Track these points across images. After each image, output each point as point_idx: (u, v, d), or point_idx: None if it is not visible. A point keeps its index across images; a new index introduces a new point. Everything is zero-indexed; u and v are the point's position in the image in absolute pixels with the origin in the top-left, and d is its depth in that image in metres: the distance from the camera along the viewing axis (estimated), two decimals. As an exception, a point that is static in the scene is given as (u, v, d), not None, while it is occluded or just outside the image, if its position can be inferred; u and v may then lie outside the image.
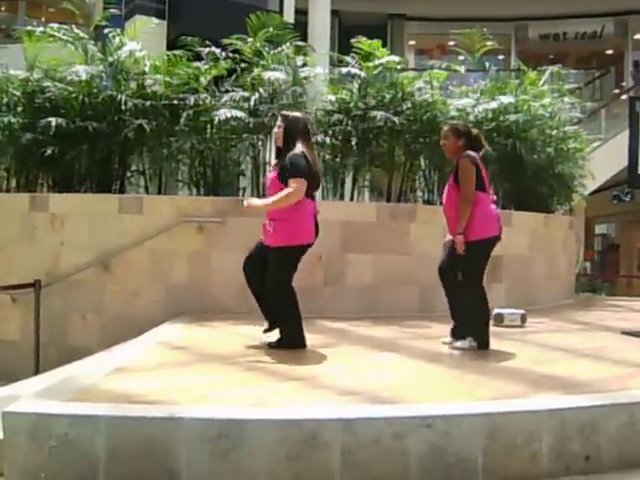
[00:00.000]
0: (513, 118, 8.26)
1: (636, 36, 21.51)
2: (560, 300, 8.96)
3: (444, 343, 5.15)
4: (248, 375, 3.99)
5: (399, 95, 7.90)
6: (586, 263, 16.47)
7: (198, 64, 7.60)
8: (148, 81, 7.61)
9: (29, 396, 3.30)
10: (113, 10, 8.47)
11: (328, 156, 7.91)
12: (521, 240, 8.03)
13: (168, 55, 7.73)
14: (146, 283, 6.78)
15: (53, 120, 7.05)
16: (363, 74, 7.86)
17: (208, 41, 7.82)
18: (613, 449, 3.31)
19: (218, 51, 7.70)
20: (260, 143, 7.60)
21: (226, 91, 7.54)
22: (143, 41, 7.91)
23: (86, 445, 2.87)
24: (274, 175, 4.78)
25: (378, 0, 19.73)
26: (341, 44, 14.32)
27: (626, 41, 21.45)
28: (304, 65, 8.01)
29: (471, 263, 4.94)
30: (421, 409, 3.20)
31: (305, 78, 7.94)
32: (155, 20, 9.94)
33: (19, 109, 7.63)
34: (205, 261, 6.78)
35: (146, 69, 7.68)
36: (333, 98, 7.97)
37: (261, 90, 7.48)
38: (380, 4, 20.08)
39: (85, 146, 7.29)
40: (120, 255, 6.74)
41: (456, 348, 4.98)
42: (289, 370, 4.17)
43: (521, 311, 6.51)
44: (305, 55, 8.19)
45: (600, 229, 21.53)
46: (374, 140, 7.89)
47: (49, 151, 7.06)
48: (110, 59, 7.61)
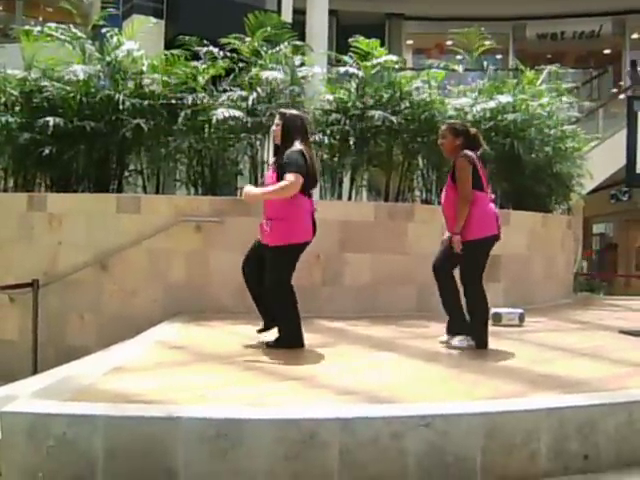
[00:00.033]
0: (511, 117, 8.27)
1: (634, 35, 21.53)
2: (558, 299, 8.97)
3: (441, 342, 5.16)
4: (246, 375, 3.99)
5: (397, 94, 7.90)
6: (583, 262, 16.45)
7: (196, 63, 7.59)
8: (146, 80, 7.61)
9: (27, 396, 3.29)
10: (111, 9, 8.48)
11: (326, 155, 7.91)
12: (519, 239, 8.04)
13: (166, 54, 7.72)
14: (144, 283, 6.77)
15: (51, 120, 7.05)
16: (361, 73, 7.86)
17: (206, 40, 7.82)
18: (611, 448, 3.31)
19: (216, 50, 7.69)
20: (258, 143, 7.59)
21: (224, 90, 7.54)
22: (141, 40, 7.90)
23: (84, 445, 2.87)
24: (272, 173, 4.78)
25: (376, -1, 19.78)
26: (339, 44, 14.26)
27: (624, 40, 21.47)
28: (302, 64, 8.00)
29: (470, 262, 4.94)
30: (419, 408, 3.20)
31: (303, 77, 7.92)
32: (153, 19, 9.93)
33: (17, 109, 7.63)
34: (203, 261, 6.78)
35: (144, 68, 7.67)
36: (331, 97, 7.97)
37: (259, 90, 7.46)
38: (378, 3, 20.09)
39: (83, 146, 7.29)
40: (118, 255, 6.74)
41: (454, 347, 4.99)
42: (287, 370, 4.17)
43: (519, 310, 6.52)
44: (303, 54, 8.18)
45: (598, 228, 21.54)
46: (372, 139, 7.89)
47: (47, 151, 7.05)
48: (108, 58, 7.60)
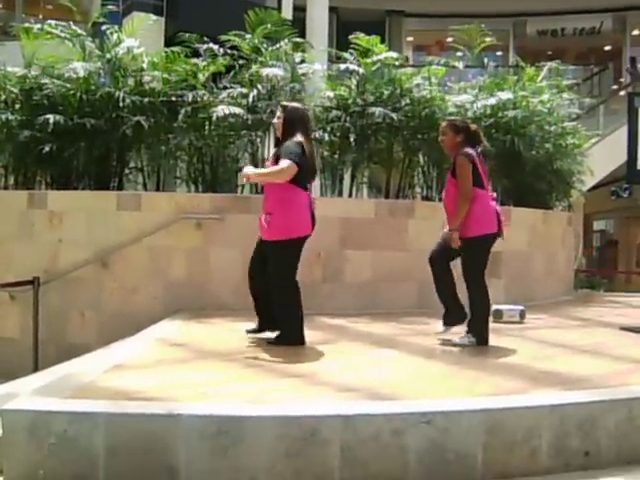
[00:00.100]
0: (512, 114, 8.25)
1: (634, 32, 21.51)
2: (559, 296, 8.97)
3: (437, 333, 5.17)
4: (247, 372, 3.99)
5: (397, 91, 7.89)
6: (582, 259, 16.44)
7: (196, 61, 7.58)
8: (146, 78, 7.60)
9: (28, 393, 3.29)
10: (111, 7, 8.47)
11: (326, 152, 7.91)
12: (520, 236, 8.02)
13: (166, 52, 7.72)
14: (144, 280, 6.77)
15: (51, 117, 7.04)
16: (361, 70, 7.84)
17: (206, 38, 7.81)
18: (612, 445, 3.31)
19: (216, 48, 7.68)
20: (258, 140, 7.59)
21: (224, 88, 7.52)
22: (141, 38, 7.89)
23: (85, 442, 2.87)
24: (271, 164, 4.81)
25: (376, -4, 19.76)
26: (339, 40, 14.27)
27: (624, 37, 21.46)
28: (302, 61, 7.98)
29: (471, 260, 4.95)
30: (420, 405, 3.20)
31: (303, 74, 7.92)
32: (153, 17, 9.90)
33: (17, 106, 7.63)
34: (203, 258, 6.77)
35: (144, 66, 7.67)
36: (331, 94, 7.96)
37: (259, 87, 7.45)
38: (378, 0, 20.08)
39: (83, 143, 7.28)
40: (118, 252, 6.73)
41: (455, 344, 4.98)
42: (288, 367, 4.17)
43: (520, 307, 6.52)
44: (303, 51, 8.16)
45: (598, 225, 21.53)
46: (372, 136, 7.88)
47: (47, 148, 7.05)
48: (108, 56, 7.59)
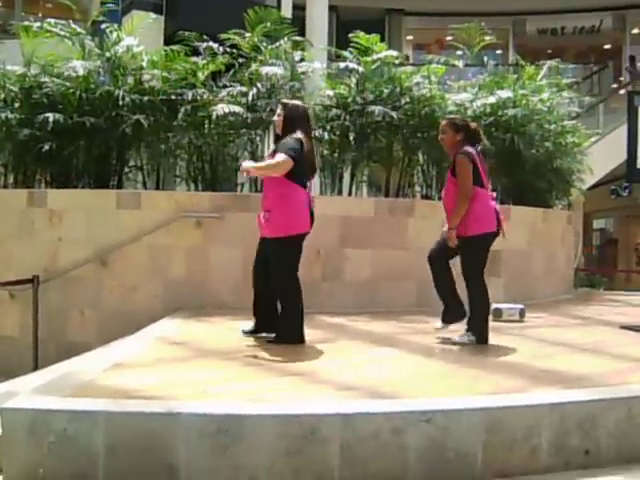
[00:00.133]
0: (511, 113, 8.25)
1: (634, 30, 21.48)
2: (559, 295, 8.97)
3: (436, 329, 5.19)
4: (247, 370, 3.99)
5: (397, 90, 7.89)
6: (581, 257, 16.43)
7: (196, 59, 7.58)
8: (146, 76, 7.60)
9: (27, 392, 3.29)
10: (110, 5, 8.46)
11: (326, 151, 7.90)
12: (520, 235, 8.02)
13: (166, 50, 7.71)
14: (144, 278, 6.77)
15: (50, 116, 7.04)
16: (361, 69, 7.84)
17: (206, 36, 7.81)
18: (612, 443, 3.31)
19: (216, 46, 7.68)
20: (258, 138, 7.59)
21: (224, 86, 7.52)
22: (140, 36, 7.88)
23: (85, 441, 2.87)
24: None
25: (376, -5, 19.73)
26: (339, 39, 14.24)
27: (624, 36, 21.42)
28: (302, 60, 7.98)
29: (470, 258, 4.95)
30: (420, 404, 3.20)
31: (303, 73, 7.92)
32: (152, 15, 9.88)
33: (16, 105, 7.62)
34: (203, 256, 6.77)
35: (143, 64, 7.66)
36: (331, 93, 7.95)
37: (259, 85, 7.45)
38: (378, -1, 20.06)
39: (83, 142, 7.28)
40: (118, 250, 6.73)
41: (455, 343, 4.98)
42: (288, 365, 4.17)
43: (520, 306, 6.52)
44: (303, 50, 8.16)
45: (598, 224, 21.53)
46: (372, 135, 7.88)
47: (47, 147, 7.05)
48: (107, 54, 7.58)
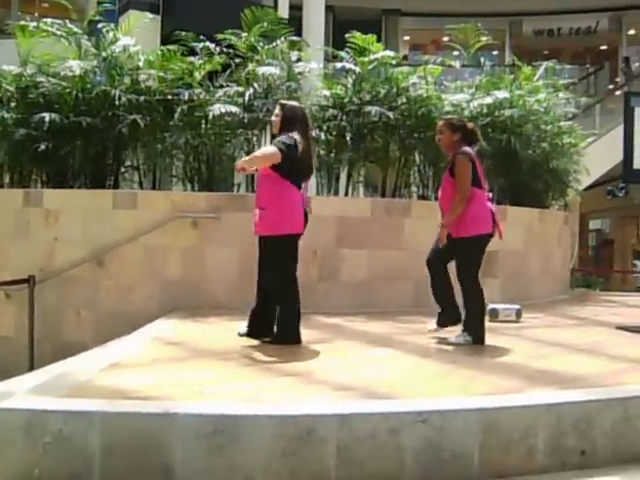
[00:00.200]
0: (508, 113, 8.25)
1: (630, 32, 21.53)
2: (555, 295, 8.97)
3: (430, 331, 5.19)
4: (243, 371, 3.98)
5: (394, 90, 7.89)
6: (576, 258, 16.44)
7: (192, 59, 7.58)
8: (142, 76, 7.59)
9: (23, 392, 3.28)
10: (107, 5, 8.46)
11: (323, 151, 7.89)
12: (516, 235, 8.02)
13: (162, 50, 7.71)
14: (140, 279, 6.76)
15: (47, 115, 7.04)
16: (358, 69, 7.84)
17: (202, 36, 7.81)
18: (608, 444, 3.32)
19: (212, 46, 7.69)
20: (255, 138, 7.58)
21: (220, 86, 7.52)
22: (137, 36, 7.89)
23: (81, 441, 2.86)
24: None
25: (373, -5, 19.75)
26: (336, 39, 14.27)
27: (620, 37, 21.48)
28: (298, 60, 7.99)
29: (465, 259, 4.96)
30: (416, 404, 3.20)
31: (300, 73, 7.92)
32: (149, 15, 9.88)
33: (12, 104, 7.62)
34: (199, 257, 6.76)
35: (140, 64, 7.66)
36: (328, 93, 7.96)
37: (255, 85, 7.45)
38: (374, -1, 20.09)
39: (79, 141, 7.27)
40: (114, 251, 6.72)
41: (451, 343, 4.98)
42: (284, 366, 4.17)
43: (516, 306, 6.52)
44: (299, 50, 8.17)
45: (594, 224, 21.54)
46: (369, 135, 7.87)
47: (43, 146, 7.04)
48: (104, 54, 7.59)
